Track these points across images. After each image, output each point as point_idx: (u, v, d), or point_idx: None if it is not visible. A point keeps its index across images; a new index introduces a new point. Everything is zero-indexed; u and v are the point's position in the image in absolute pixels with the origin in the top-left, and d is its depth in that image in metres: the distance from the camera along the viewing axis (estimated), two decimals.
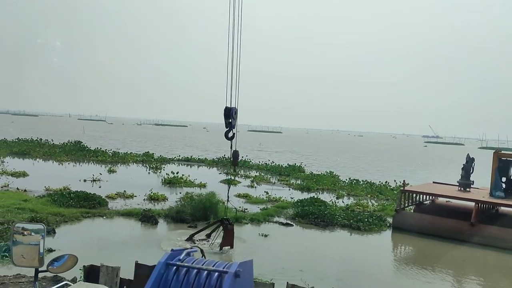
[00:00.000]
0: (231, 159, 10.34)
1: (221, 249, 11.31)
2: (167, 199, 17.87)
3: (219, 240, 11.60)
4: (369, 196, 23.03)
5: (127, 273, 5.57)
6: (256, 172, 31.05)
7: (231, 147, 9.68)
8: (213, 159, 36.37)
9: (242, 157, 38.04)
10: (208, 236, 12.17)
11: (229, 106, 8.76)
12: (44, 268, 3.19)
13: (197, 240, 11.96)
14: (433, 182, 19.73)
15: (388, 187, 25.97)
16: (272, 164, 34.71)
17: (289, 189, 23.92)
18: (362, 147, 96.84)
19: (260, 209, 17.07)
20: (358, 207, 18.96)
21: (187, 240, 11.94)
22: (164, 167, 29.79)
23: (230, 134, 9.10)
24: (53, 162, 30.12)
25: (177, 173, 23.84)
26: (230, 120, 8.90)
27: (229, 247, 11.43)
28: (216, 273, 2.57)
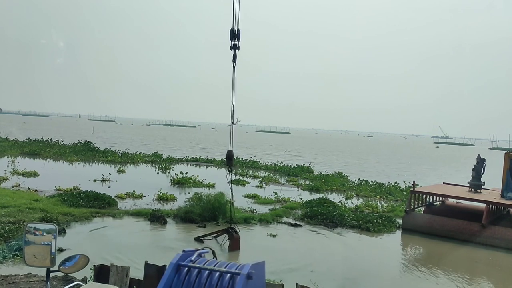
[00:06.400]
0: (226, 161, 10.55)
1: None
2: (176, 199, 17.90)
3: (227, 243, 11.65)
4: (378, 197, 22.87)
5: (137, 273, 5.59)
6: (265, 173, 31.01)
7: (233, 70, 9.78)
8: (222, 159, 36.38)
9: (251, 157, 38.18)
10: (215, 238, 12.21)
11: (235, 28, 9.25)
12: (55, 268, 3.20)
13: (205, 240, 11.99)
14: (443, 183, 19.56)
15: (398, 188, 25.80)
16: (281, 165, 34.68)
17: (298, 190, 23.84)
18: (378, 148, 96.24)
19: (269, 209, 17.04)
20: (367, 208, 18.84)
21: (195, 240, 11.98)
22: (173, 167, 29.87)
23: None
24: (63, 162, 30.34)
25: (186, 173, 23.88)
26: (236, 42, 9.32)
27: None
28: (228, 275, 2.55)
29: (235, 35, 9.18)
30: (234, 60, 9.50)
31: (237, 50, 9.38)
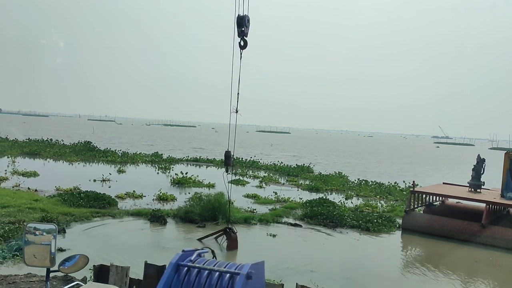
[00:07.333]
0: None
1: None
2: (176, 199, 17.90)
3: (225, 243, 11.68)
4: (378, 197, 22.86)
5: (137, 273, 5.59)
6: (265, 173, 31.01)
7: (240, 57, 9.47)
8: (221, 159, 36.36)
9: (251, 157, 38.20)
10: (215, 238, 12.23)
11: (241, 14, 8.91)
12: (55, 268, 3.21)
13: (204, 240, 12.01)
14: (443, 183, 19.55)
15: (397, 188, 25.79)
16: (281, 165, 34.69)
17: (298, 190, 23.83)
18: (379, 148, 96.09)
19: (269, 209, 17.03)
20: (367, 208, 18.83)
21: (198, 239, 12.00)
22: (173, 167, 29.88)
23: (242, 43, 9.17)
24: (63, 162, 30.35)
25: (186, 173, 23.88)
26: (243, 29, 9.00)
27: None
28: (228, 275, 2.55)
29: (242, 21, 8.85)
30: (241, 48, 9.23)
31: (246, 38, 9.08)
